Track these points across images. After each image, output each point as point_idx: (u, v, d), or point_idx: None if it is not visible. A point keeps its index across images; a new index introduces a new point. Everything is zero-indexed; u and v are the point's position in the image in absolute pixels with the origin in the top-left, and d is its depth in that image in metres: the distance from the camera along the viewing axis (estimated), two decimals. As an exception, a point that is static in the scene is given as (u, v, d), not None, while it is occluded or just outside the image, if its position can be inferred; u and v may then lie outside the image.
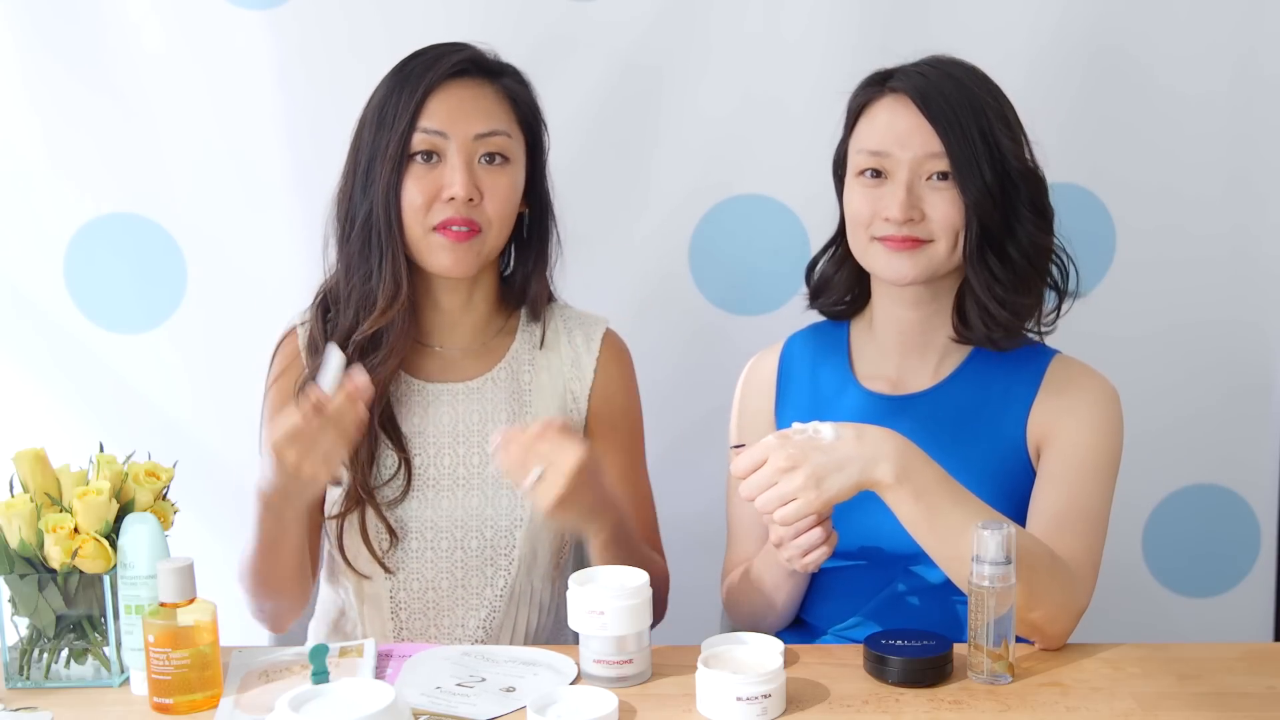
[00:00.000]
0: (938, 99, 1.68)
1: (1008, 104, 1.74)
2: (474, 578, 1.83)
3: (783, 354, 1.88)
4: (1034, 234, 1.72)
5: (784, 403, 1.85)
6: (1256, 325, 2.37)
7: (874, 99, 1.74)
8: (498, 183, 1.75)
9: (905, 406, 1.77)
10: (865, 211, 1.72)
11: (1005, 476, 1.72)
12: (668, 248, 2.35)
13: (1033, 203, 1.72)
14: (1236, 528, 2.42)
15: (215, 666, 1.53)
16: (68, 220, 2.33)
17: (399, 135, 1.72)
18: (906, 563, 1.72)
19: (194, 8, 2.26)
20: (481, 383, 1.85)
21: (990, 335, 1.73)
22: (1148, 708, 1.49)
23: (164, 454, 1.74)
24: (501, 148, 1.76)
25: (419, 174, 1.74)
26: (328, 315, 1.81)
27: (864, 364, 1.83)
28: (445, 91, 1.74)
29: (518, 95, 1.80)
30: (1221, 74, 2.28)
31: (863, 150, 1.73)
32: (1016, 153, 1.71)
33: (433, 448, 1.82)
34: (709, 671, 1.48)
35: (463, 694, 1.53)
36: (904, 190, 1.68)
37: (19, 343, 2.36)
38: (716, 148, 2.32)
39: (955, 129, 1.67)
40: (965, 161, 1.67)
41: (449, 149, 1.73)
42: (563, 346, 1.88)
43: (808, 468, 1.52)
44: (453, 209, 1.73)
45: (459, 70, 1.75)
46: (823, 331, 1.88)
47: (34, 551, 1.57)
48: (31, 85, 2.29)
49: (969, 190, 1.68)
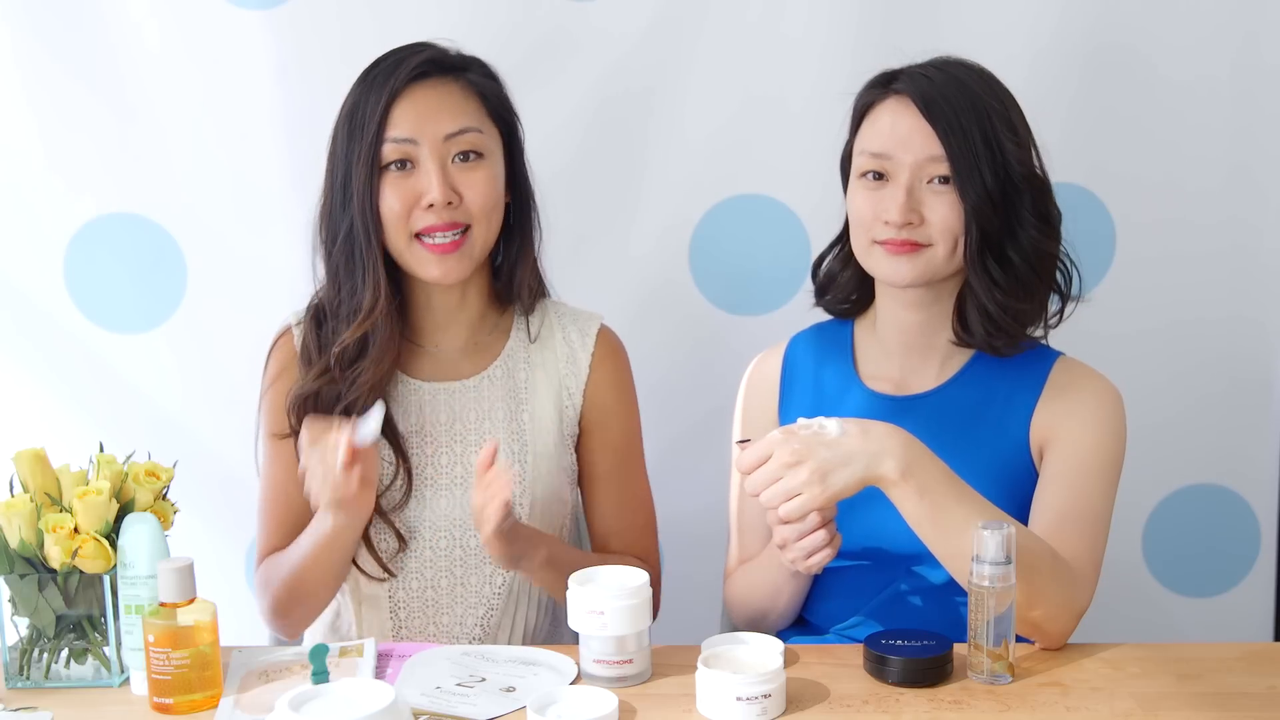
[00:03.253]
0: (940, 102, 1.68)
1: (1014, 107, 1.73)
2: (473, 575, 1.83)
3: (786, 354, 1.88)
4: (1037, 239, 1.71)
5: (787, 403, 1.84)
6: (1257, 323, 2.36)
7: (878, 100, 1.74)
8: (475, 179, 1.75)
9: (909, 407, 1.77)
10: (866, 214, 1.72)
11: (1008, 478, 1.72)
12: (668, 248, 2.34)
13: (1036, 208, 1.71)
14: (1236, 528, 2.42)
15: (215, 666, 1.53)
16: (67, 220, 2.33)
17: (368, 147, 1.71)
18: (909, 563, 1.72)
19: (193, 8, 2.26)
20: (478, 381, 1.85)
21: (991, 341, 1.73)
22: (1148, 708, 1.49)
23: (164, 454, 1.74)
24: (474, 144, 1.75)
25: (395, 182, 1.73)
26: (321, 328, 1.81)
27: (868, 364, 1.83)
28: (409, 97, 1.73)
29: (485, 89, 1.79)
30: (1221, 65, 2.27)
31: (865, 152, 1.72)
32: (1020, 157, 1.70)
33: (430, 447, 1.82)
34: (709, 671, 1.48)
35: (463, 694, 1.53)
36: (904, 193, 1.68)
37: (19, 342, 2.36)
38: (717, 148, 2.31)
39: (956, 132, 1.67)
40: (966, 165, 1.67)
41: (421, 154, 1.72)
42: (558, 343, 1.87)
43: (812, 463, 1.52)
44: (434, 215, 1.72)
45: (420, 73, 1.74)
46: (826, 332, 1.88)
47: (34, 551, 1.57)
48: (31, 86, 2.29)
49: (969, 194, 1.67)
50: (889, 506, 1.58)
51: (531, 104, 1.86)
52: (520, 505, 1.81)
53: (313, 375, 1.78)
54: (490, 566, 1.82)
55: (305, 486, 1.67)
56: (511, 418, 1.84)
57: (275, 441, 1.82)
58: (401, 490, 1.80)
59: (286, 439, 1.79)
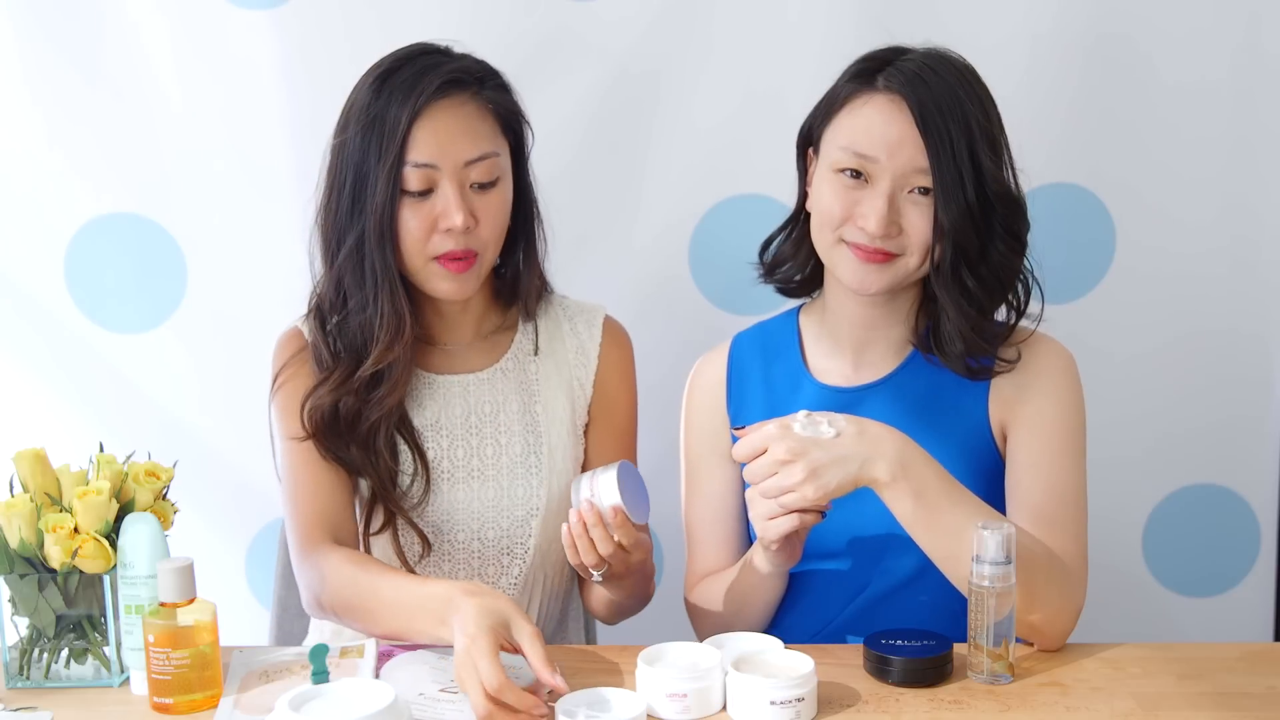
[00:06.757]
0: (935, 113, 1.63)
1: (995, 116, 1.68)
2: (490, 567, 1.83)
3: (731, 355, 1.86)
4: (1006, 255, 1.69)
5: (737, 404, 1.83)
6: (1259, 318, 2.35)
7: (864, 92, 1.68)
8: (490, 205, 1.74)
9: (862, 397, 1.75)
10: (837, 212, 1.67)
11: (972, 456, 1.71)
12: (668, 248, 2.35)
13: (1008, 224, 1.68)
14: (1236, 528, 2.42)
15: (215, 666, 1.53)
16: (68, 220, 2.33)
17: (389, 169, 1.69)
18: (876, 570, 1.73)
19: (195, 7, 2.26)
20: (491, 374, 1.85)
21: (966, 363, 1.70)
22: (1148, 708, 1.49)
23: (164, 454, 1.74)
24: (491, 171, 1.74)
25: (413, 206, 1.71)
26: (326, 326, 1.79)
27: (817, 358, 1.81)
28: (431, 116, 1.70)
29: (499, 104, 1.77)
30: (1222, 57, 2.26)
31: (847, 148, 1.67)
32: (997, 175, 1.66)
33: (446, 440, 1.82)
34: (742, 676, 1.47)
35: (448, 699, 1.51)
36: (885, 202, 1.64)
37: (19, 342, 2.35)
38: (716, 147, 2.31)
39: (946, 147, 1.62)
40: (950, 182, 1.63)
41: (441, 179, 1.71)
42: (565, 336, 1.88)
43: (806, 461, 1.52)
44: (452, 240, 1.72)
45: (443, 90, 1.72)
46: (771, 329, 1.86)
47: (34, 551, 1.57)
48: (33, 84, 2.29)
49: (950, 211, 1.63)
50: (855, 515, 1.58)
51: (533, 102, 1.86)
52: (537, 497, 1.81)
53: (329, 387, 1.76)
54: (508, 557, 1.82)
55: None
56: (525, 410, 1.84)
57: (295, 445, 1.79)
58: (420, 488, 1.80)
59: (306, 441, 1.77)
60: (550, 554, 1.84)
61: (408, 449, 1.80)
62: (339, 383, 1.75)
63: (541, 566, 1.84)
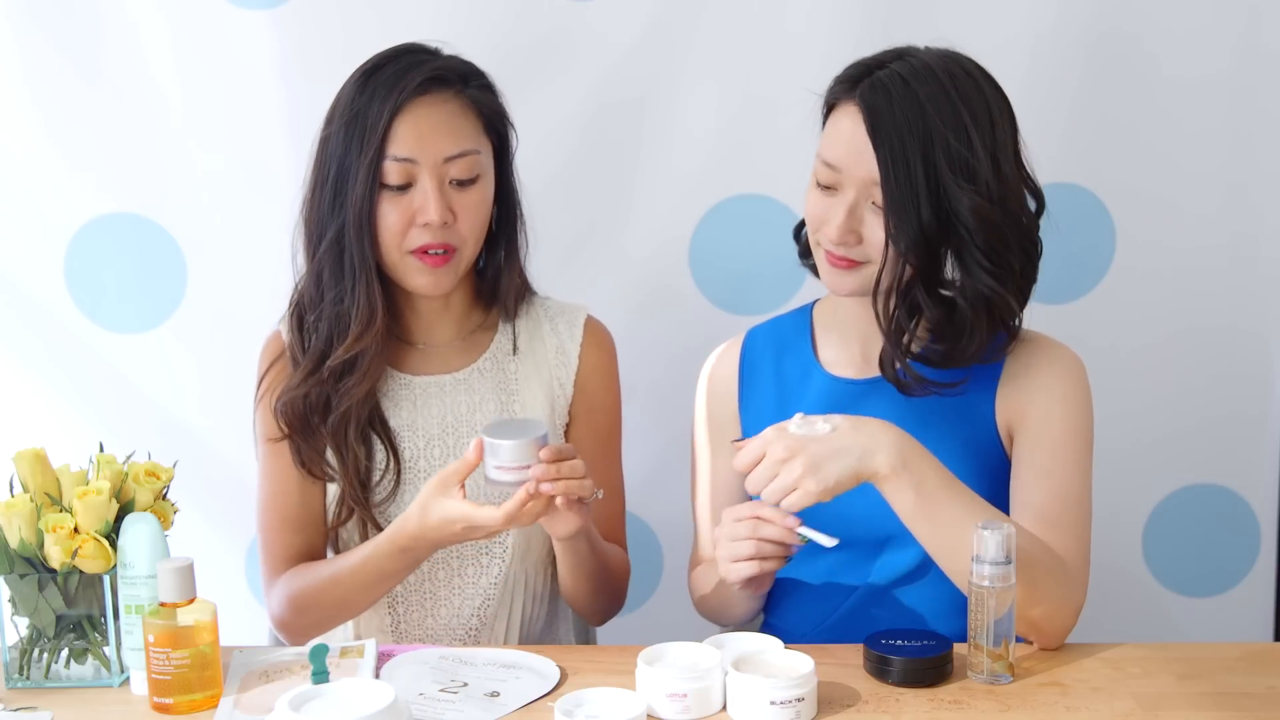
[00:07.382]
0: (887, 127, 1.60)
1: (983, 134, 1.62)
2: (469, 567, 1.83)
3: (744, 348, 1.87)
4: (990, 284, 1.64)
5: (748, 396, 1.84)
6: (1259, 317, 2.35)
7: (843, 100, 1.67)
8: (469, 202, 1.76)
9: (871, 390, 1.75)
10: (813, 218, 1.70)
11: (977, 454, 1.71)
12: (667, 248, 2.34)
13: (990, 251, 1.63)
14: (1236, 528, 2.42)
15: (215, 666, 1.53)
16: (68, 219, 2.33)
17: (369, 163, 1.71)
18: (866, 573, 1.73)
19: (195, 7, 2.26)
20: (468, 374, 1.86)
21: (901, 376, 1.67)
22: (1148, 708, 1.49)
23: (164, 454, 1.74)
24: (471, 169, 1.75)
25: (392, 199, 1.73)
26: (304, 326, 1.81)
27: (828, 350, 1.81)
28: (412, 112, 1.72)
29: (483, 103, 1.79)
30: (1223, 51, 2.26)
31: (820, 156, 1.69)
32: (974, 203, 1.60)
33: (423, 440, 1.83)
34: (742, 675, 1.48)
35: (448, 700, 1.52)
36: (844, 213, 1.64)
37: (19, 342, 2.35)
38: (717, 148, 2.31)
39: (899, 163, 1.59)
40: (901, 198, 1.60)
41: (420, 173, 1.73)
42: (546, 336, 1.89)
43: (805, 456, 1.53)
44: (429, 234, 1.73)
45: (424, 88, 1.74)
46: (784, 323, 1.87)
47: (34, 551, 1.57)
48: (33, 84, 2.28)
49: (903, 228, 1.60)
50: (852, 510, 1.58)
51: (531, 103, 1.87)
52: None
53: (299, 379, 1.79)
54: (486, 557, 1.83)
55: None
56: (503, 409, 1.85)
57: (271, 445, 1.83)
58: (390, 484, 1.81)
59: (280, 442, 1.80)
60: (530, 553, 1.85)
61: (382, 447, 1.81)
62: (308, 372, 1.78)
63: (521, 566, 1.85)
